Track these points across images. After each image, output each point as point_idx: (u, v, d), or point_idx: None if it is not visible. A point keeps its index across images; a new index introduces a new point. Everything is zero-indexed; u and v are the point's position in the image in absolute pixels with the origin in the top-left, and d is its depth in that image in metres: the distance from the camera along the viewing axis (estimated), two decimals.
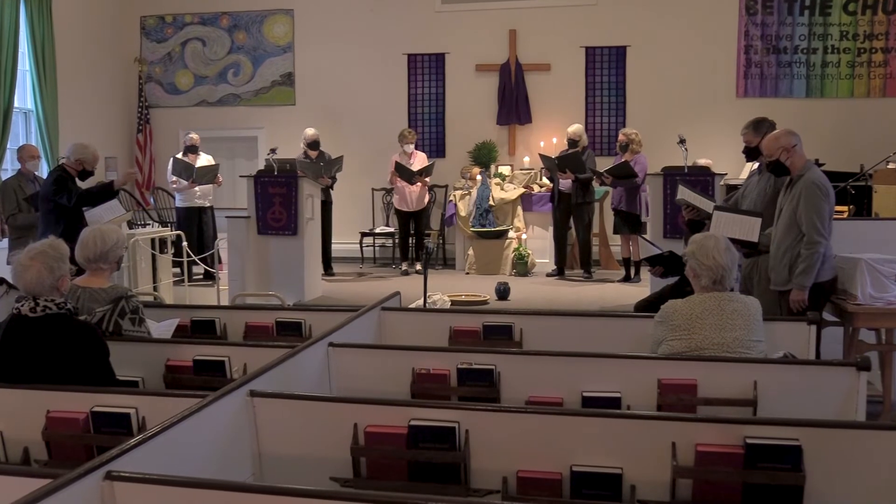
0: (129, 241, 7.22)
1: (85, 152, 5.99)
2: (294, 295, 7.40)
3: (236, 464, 2.55)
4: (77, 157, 5.96)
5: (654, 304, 3.97)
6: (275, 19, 11.26)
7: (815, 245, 4.30)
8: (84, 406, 2.67)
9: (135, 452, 2.06)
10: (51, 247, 3.12)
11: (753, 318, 3.39)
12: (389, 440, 2.48)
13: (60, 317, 3.03)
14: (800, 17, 10.11)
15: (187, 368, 3.40)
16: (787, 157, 4.43)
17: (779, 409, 2.93)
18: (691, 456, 2.33)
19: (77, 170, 5.99)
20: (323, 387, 3.28)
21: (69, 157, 6.02)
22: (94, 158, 6.03)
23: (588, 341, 3.62)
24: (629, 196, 8.42)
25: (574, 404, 3.04)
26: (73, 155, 5.99)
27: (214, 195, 9.56)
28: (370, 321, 4.00)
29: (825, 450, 2.28)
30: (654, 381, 3.05)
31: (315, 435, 2.58)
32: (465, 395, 3.19)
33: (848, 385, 2.93)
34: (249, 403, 2.61)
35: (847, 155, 9.04)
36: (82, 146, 6.05)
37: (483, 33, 10.67)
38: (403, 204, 9.42)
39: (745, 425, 2.37)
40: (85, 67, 10.55)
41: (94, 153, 6.05)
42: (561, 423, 2.44)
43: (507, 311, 4.13)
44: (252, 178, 7.97)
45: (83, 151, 5.99)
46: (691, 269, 3.51)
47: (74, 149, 6.02)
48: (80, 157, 5.96)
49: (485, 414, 2.51)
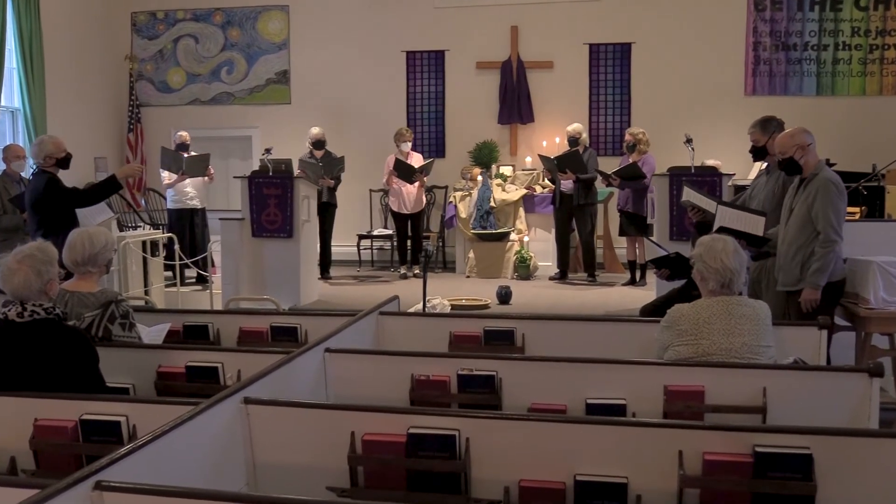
0: (119, 243, 7.21)
1: (46, 146, 5.85)
2: (289, 299, 7.39)
3: (230, 473, 2.54)
4: (45, 155, 5.87)
5: (661, 309, 3.97)
6: (269, 15, 11.27)
7: (830, 243, 4.33)
8: (73, 414, 2.67)
9: (125, 462, 2.06)
10: (39, 250, 3.11)
11: (762, 322, 3.38)
12: (388, 449, 2.48)
13: (48, 322, 3.02)
14: (810, 13, 10.13)
15: (179, 375, 3.40)
16: (802, 156, 4.44)
17: (789, 417, 2.92)
18: (699, 465, 2.33)
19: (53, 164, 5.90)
20: (319, 394, 3.28)
21: (38, 160, 5.93)
22: (56, 146, 5.87)
23: (592, 347, 3.62)
24: (636, 197, 8.42)
25: (578, 412, 3.04)
26: (39, 156, 5.88)
27: (207, 196, 9.56)
28: (368, 326, 4.00)
29: (837, 459, 2.28)
30: (660, 387, 3.05)
31: (311, 443, 2.58)
32: (465, 402, 3.19)
33: (860, 392, 2.92)
34: (243, 411, 2.61)
35: (859, 154, 9.05)
36: (39, 143, 5.92)
37: (484, 30, 10.68)
38: (400, 206, 9.43)
39: (754, 433, 2.37)
40: (74, 65, 10.56)
41: (53, 141, 5.91)
42: (564, 431, 2.44)
43: (508, 316, 4.13)
44: (246, 178, 7.98)
45: (44, 147, 5.84)
46: (698, 273, 3.51)
47: (37, 150, 5.84)
48: (46, 152, 5.84)
49: (486, 422, 2.51)
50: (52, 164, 5.86)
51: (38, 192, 5.81)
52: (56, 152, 5.87)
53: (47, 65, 9.78)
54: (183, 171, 9.00)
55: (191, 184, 9.19)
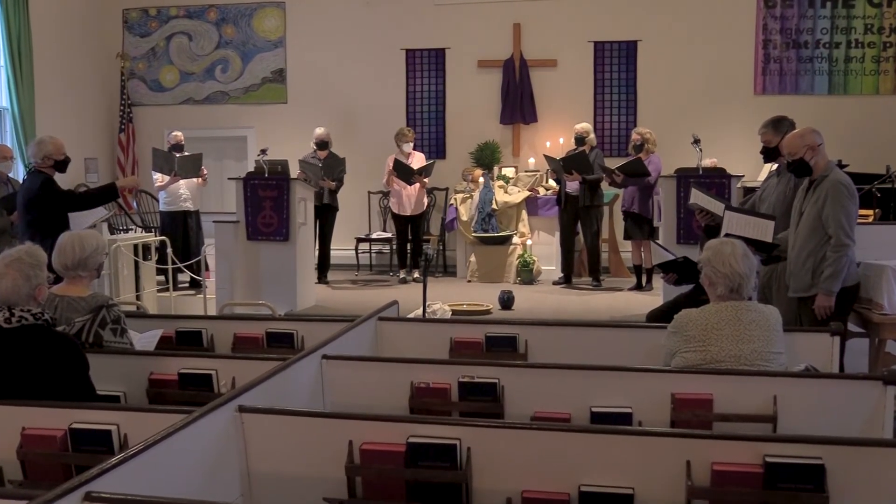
0: (110, 246, 7.22)
1: (46, 147, 5.94)
2: (285, 304, 7.40)
3: (224, 484, 2.54)
4: (43, 155, 5.92)
5: (668, 314, 3.97)
6: (265, 12, 11.29)
7: (843, 248, 4.31)
8: (62, 422, 2.67)
9: (116, 472, 2.05)
10: (27, 253, 3.12)
11: (773, 328, 3.39)
12: (386, 458, 2.48)
13: (37, 328, 3.02)
14: (821, 10, 10.14)
15: (172, 382, 3.40)
16: (812, 157, 4.44)
17: (800, 426, 2.92)
18: (707, 475, 2.33)
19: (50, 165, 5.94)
20: (316, 402, 3.28)
21: (36, 160, 5.97)
22: (56, 148, 5.96)
23: (597, 353, 3.62)
24: (642, 197, 8.42)
25: (582, 420, 3.04)
26: (37, 156, 5.94)
27: (201, 198, 9.57)
28: (366, 332, 4.00)
29: (850, 469, 2.28)
30: (667, 395, 3.05)
31: (307, 453, 2.58)
32: (466, 410, 3.19)
33: (874, 400, 2.92)
34: (238, 419, 2.61)
35: (872, 155, 9.05)
36: (39, 142, 6.00)
37: (485, 27, 10.69)
38: (400, 208, 9.44)
39: (764, 443, 2.36)
40: (64, 63, 10.58)
41: (54, 143, 5.99)
42: (568, 441, 2.44)
43: (510, 322, 4.13)
44: (241, 180, 7.98)
45: (44, 147, 5.93)
46: (706, 277, 3.51)
47: (36, 149, 5.95)
48: (45, 153, 5.91)
49: (488, 430, 2.50)
50: (49, 164, 5.91)
51: (32, 192, 5.85)
52: (55, 154, 5.93)
53: (36, 63, 9.79)
54: (175, 172, 9.00)
55: (184, 185, 9.18)
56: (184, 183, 9.16)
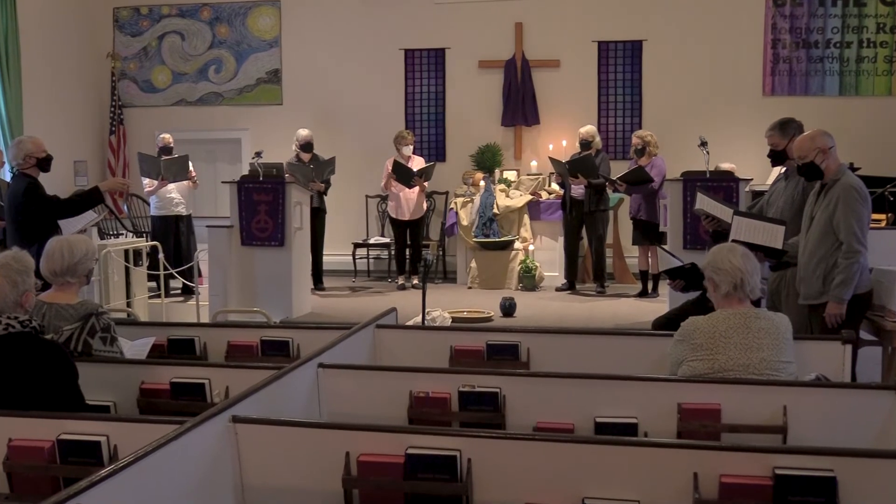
0: (99, 252, 7.23)
1: (25, 146, 5.92)
2: (281, 311, 7.40)
3: (217, 496, 2.54)
4: (24, 155, 5.91)
5: (674, 322, 3.97)
6: (260, 11, 11.31)
7: (854, 254, 4.30)
8: (50, 433, 2.67)
9: (105, 484, 2.05)
10: (14, 259, 3.12)
11: (782, 336, 3.39)
12: (385, 470, 2.48)
13: (24, 336, 3.02)
14: (832, 9, 10.15)
15: (164, 392, 3.40)
16: (823, 160, 4.44)
17: (811, 437, 2.92)
18: (715, 488, 2.33)
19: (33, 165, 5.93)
20: (312, 412, 3.28)
21: (17, 161, 5.97)
22: (36, 146, 5.95)
23: (601, 362, 3.63)
24: (648, 204, 8.43)
25: (586, 431, 3.04)
26: (18, 157, 5.94)
27: (194, 202, 9.57)
28: (364, 340, 4.00)
29: (862, 481, 2.28)
30: (673, 405, 3.05)
31: (303, 464, 2.58)
32: (467, 420, 3.19)
33: (887, 410, 2.93)
34: (232, 430, 2.61)
35: (884, 158, 9.07)
36: (18, 143, 6.00)
37: (486, 27, 10.70)
38: (399, 212, 9.45)
39: (773, 454, 2.36)
40: (52, 63, 10.59)
41: (33, 141, 5.99)
42: (572, 452, 2.44)
43: (512, 329, 4.13)
44: (235, 183, 7.99)
45: (23, 147, 5.92)
46: (710, 281, 3.52)
47: (16, 150, 5.93)
48: (26, 152, 5.89)
49: (489, 441, 2.50)
50: (31, 164, 5.91)
51: (16, 197, 5.85)
52: (36, 152, 5.92)
53: (24, 63, 9.80)
54: (163, 177, 9.00)
55: (175, 189, 9.20)
56: (174, 187, 9.17)
